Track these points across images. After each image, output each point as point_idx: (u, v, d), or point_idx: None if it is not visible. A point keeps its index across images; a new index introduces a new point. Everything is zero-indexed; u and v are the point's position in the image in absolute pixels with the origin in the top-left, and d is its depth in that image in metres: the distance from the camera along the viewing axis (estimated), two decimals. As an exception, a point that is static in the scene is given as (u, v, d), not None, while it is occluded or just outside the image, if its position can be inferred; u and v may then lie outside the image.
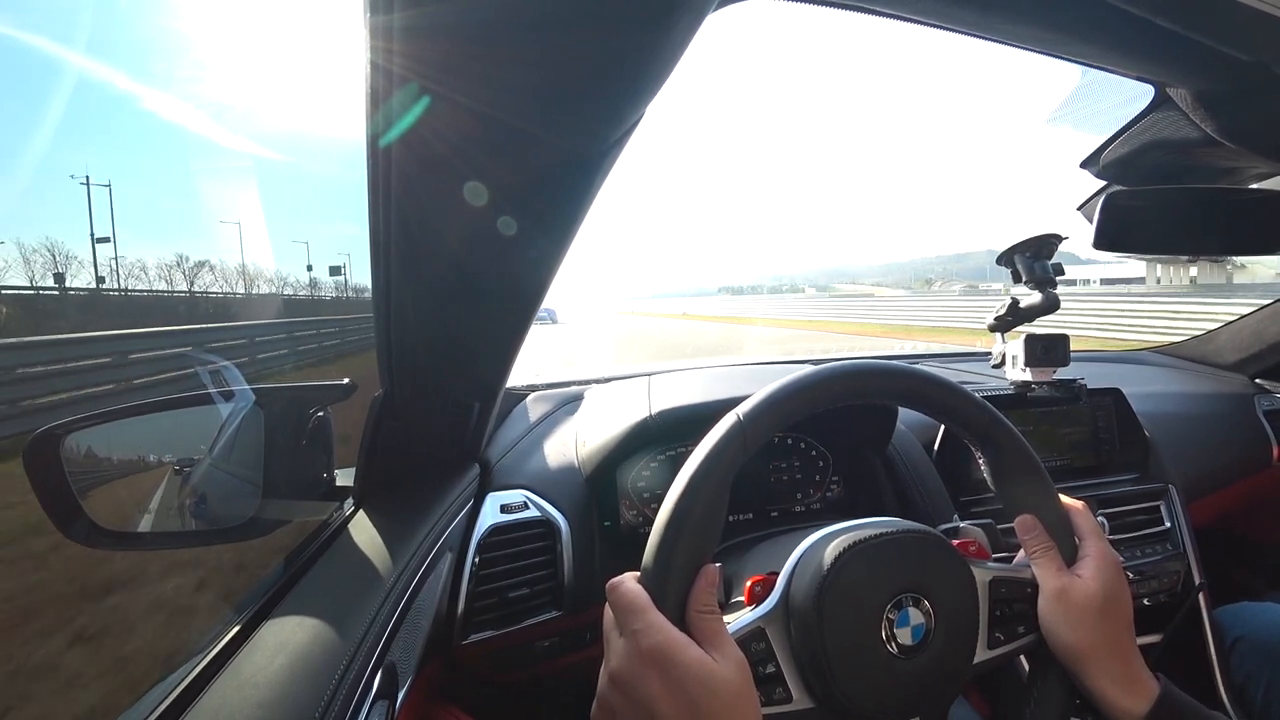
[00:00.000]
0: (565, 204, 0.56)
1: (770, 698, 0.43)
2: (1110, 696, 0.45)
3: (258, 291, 17.85)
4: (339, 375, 0.77)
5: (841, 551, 0.45)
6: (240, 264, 17.41)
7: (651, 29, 0.40)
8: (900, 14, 0.59)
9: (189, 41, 47.97)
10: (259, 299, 17.03)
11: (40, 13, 22.21)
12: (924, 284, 61.32)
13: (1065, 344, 1.02)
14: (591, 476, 0.86)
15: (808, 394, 0.46)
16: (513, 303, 0.68)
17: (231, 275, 16.77)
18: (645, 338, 16.50)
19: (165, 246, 32.94)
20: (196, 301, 14.91)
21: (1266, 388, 1.40)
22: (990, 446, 0.51)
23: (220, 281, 16.51)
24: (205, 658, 0.49)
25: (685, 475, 0.44)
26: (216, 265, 16.39)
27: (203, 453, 0.72)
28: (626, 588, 0.42)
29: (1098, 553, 0.49)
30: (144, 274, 14.37)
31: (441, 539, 0.68)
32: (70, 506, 0.56)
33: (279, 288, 18.83)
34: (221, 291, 16.38)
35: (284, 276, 18.66)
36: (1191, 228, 0.89)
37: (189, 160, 62.21)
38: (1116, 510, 1.02)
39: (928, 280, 67.03)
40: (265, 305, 16.96)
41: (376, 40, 0.39)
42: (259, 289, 17.98)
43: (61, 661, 1.77)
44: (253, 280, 17.56)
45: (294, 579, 0.59)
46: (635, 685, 0.39)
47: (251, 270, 17.89)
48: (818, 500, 0.96)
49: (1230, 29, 0.54)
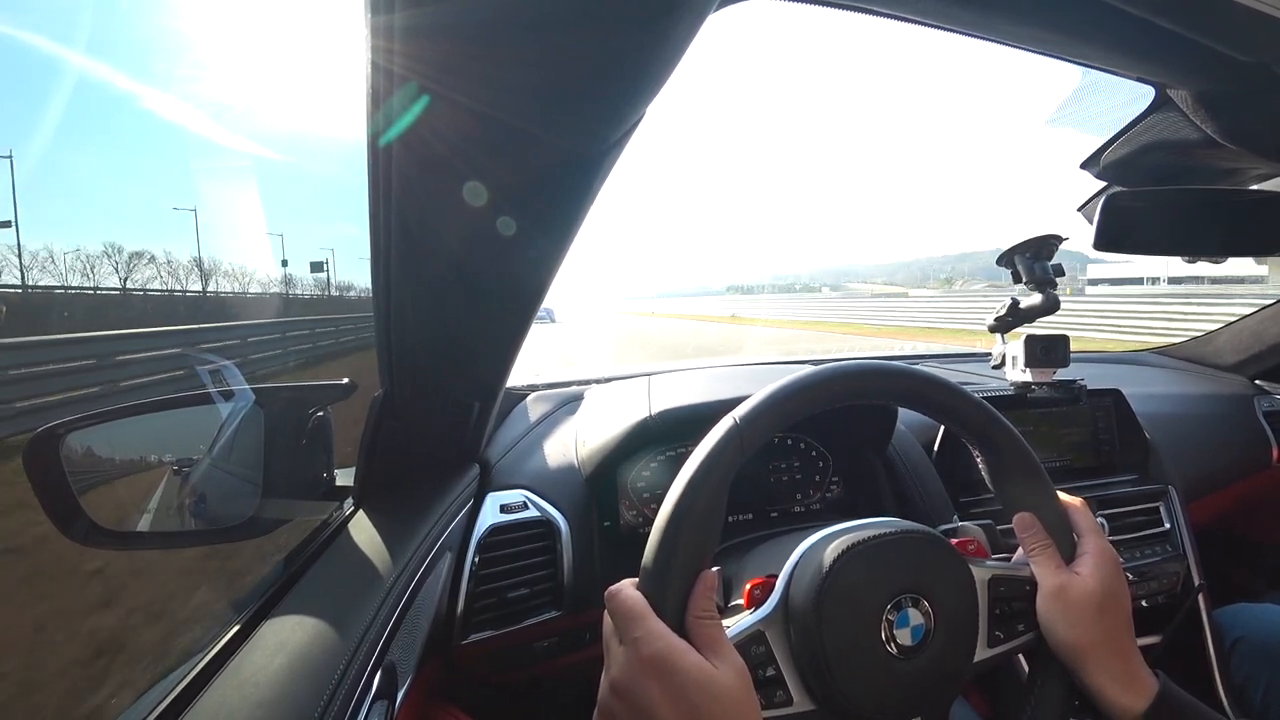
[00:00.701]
0: (565, 204, 0.56)
1: (771, 700, 0.43)
2: (1109, 693, 0.45)
3: (217, 290, 15.58)
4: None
5: (840, 553, 0.45)
6: (196, 257, 15.35)
7: (651, 29, 0.40)
8: (900, 14, 0.59)
9: (186, 40, 47.56)
10: (215, 300, 15.01)
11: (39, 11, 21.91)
12: (944, 283, 60.70)
13: (1065, 345, 1.02)
14: (591, 476, 0.86)
15: (805, 395, 0.46)
16: (513, 303, 0.68)
17: (182, 270, 14.68)
18: (679, 343, 15.35)
19: (102, 235, 30.11)
20: (130, 300, 12.81)
21: (1266, 389, 1.40)
22: (988, 445, 0.51)
23: (166, 277, 14.04)
24: (205, 657, 0.49)
25: (682, 480, 0.43)
26: (162, 258, 14.03)
27: (202, 452, 0.72)
28: (625, 595, 0.42)
29: (1096, 550, 0.49)
30: (54, 264, 11.49)
31: (441, 539, 0.68)
32: (70, 506, 0.56)
33: (243, 285, 17.06)
34: (163, 289, 13.85)
35: (249, 272, 16.97)
36: (1192, 229, 0.89)
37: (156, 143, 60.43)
38: (1116, 511, 1.02)
39: (947, 279, 66.34)
40: (224, 306, 15.22)
41: (377, 40, 0.39)
42: (220, 286, 16.10)
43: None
44: (209, 275, 15.65)
45: (294, 578, 0.59)
46: (636, 693, 0.39)
47: (212, 265, 15.83)
48: (817, 501, 0.96)
49: (1231, 30, 0.54)
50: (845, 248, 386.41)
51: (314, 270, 21.32)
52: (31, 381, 4.81)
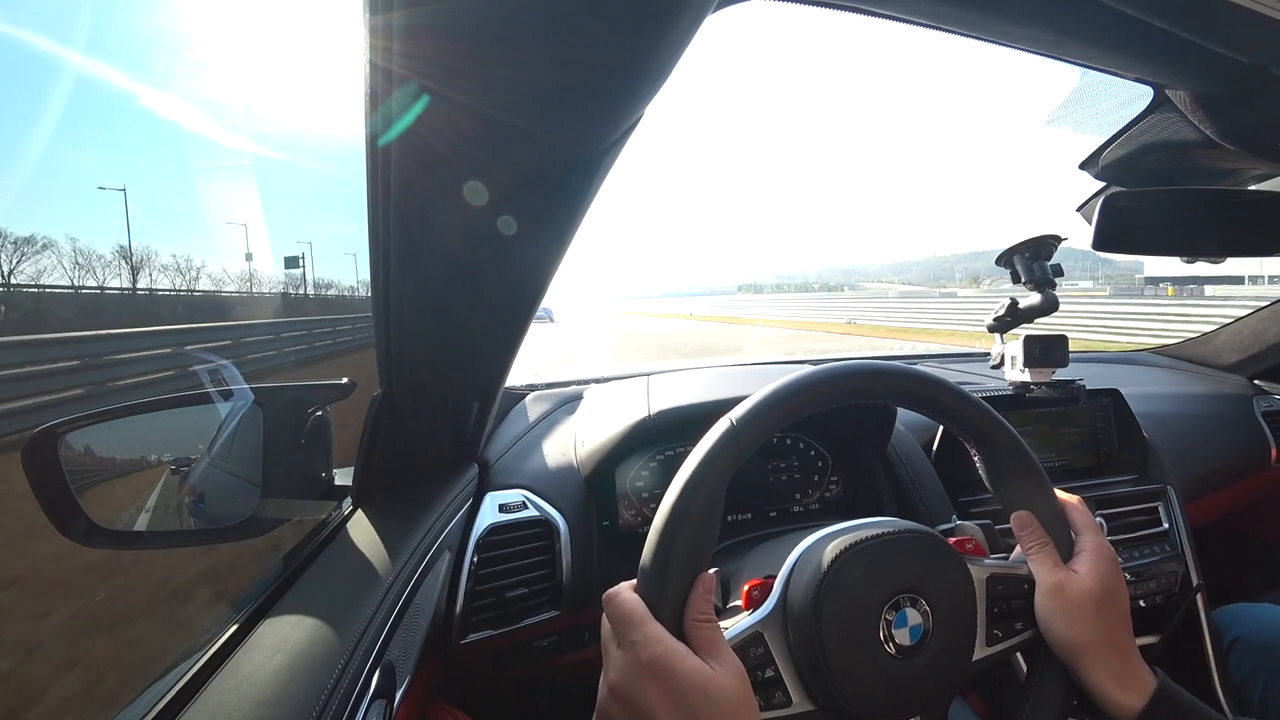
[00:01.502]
0: (564, 203, 0.56)
1: (770, 702, 0.43)
2: (1107, 691, 0.45)
3: (149, 287, 12.56)
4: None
5: (839, 553, 0.45)
6: (124, 245, 12.27)
7: (651, 29, 0.40)
8: (900, 15, 0.59)
9: (185, 39, 47.13)
10: (146, 298, 11.96)
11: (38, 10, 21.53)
12: (972, 282, 60.15)
13: (1064, 345, 1.03)
14: (590, 476, 0.86)
15: (802, 396, 0.46)
16: (512, 302, 0.68)
17: (98, 262, 11.87)
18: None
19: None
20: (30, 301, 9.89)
21: (1265, 389, 1.40)
22: (985, 444, 0.51)
23: (79, 272, 11.39)
24: (204, 656, 0.49)
25: (679, 482, 0.43)
26: (66, 249, 11.07)
27: (201, 452, 0.72)
28: (623, 598, 0.42)
29: (1094, 547, 0.49)
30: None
31: (440, 538, 0.68)
32: (69, 506, 0.56)
33: (189, 281, 14.34)
34: (70, 285, 11.06)
35: (195, 265, 14.07)
36: (1190, 229, 0.89)
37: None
38: (1115, 511, 1.02)
39: (974, 279, 65.79)
40: (163, 305, 12.15)
41: (376, 40, 0.39)
42: (157, 282, 13.09)
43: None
44: (140, 268, 12.76)
45: (292, 578, 0.59)
46: (635, 697, 0.39)
47: (146, 257, 12.72)
48: (816, 500, 0.96)
49: (1229, 31, 0.54)
50: (852, 246, 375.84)
51: (288, 266, 18.94)
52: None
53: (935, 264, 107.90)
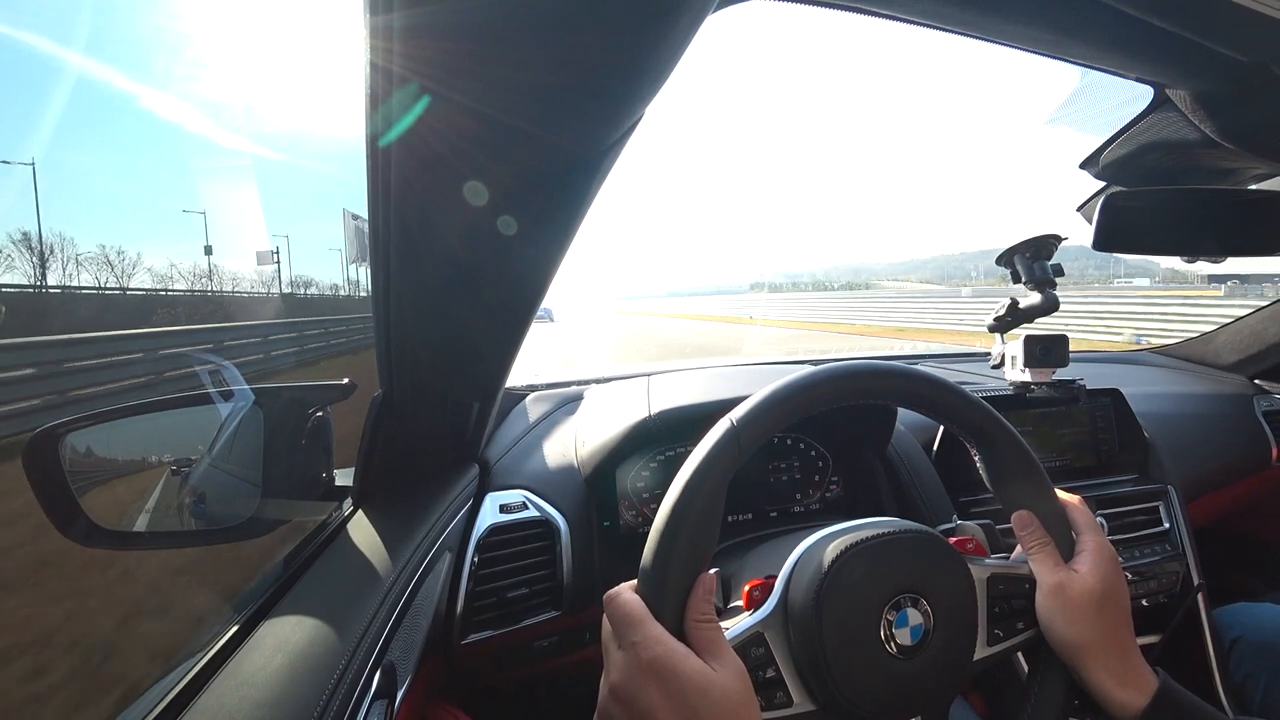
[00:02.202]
0: (565, 204, 0.56)
1: (771, 702, 0.43)
2: (1109, 690, 0.45)
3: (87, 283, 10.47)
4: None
5: (839, 553, 0.45)
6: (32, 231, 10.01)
7: (651, 29, 0.40)
8: (900, 15, 0.59)
9: (184, 39, 47.00)
10: (75, 297, 10.10)
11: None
12: (1001, 281, 59.71)
13: (1064, 345, 1.03)
14: (591, 477, 0.86)
15: (802, 396, 0.46)
16: (512, 302, 0.68)
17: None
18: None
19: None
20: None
21: (1265, 388, 1.40)
22: (985, 444, 0.51)
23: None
24: (204, 656, 0.49)
25: (679, 483, 0.43)
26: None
27: (202, 452, 0.72)
28: (624, 599, 0.42)
29: (1094, 547, 0.49)
30: None
31: (440, 539, 0.68)
32: (70, 506, 0.56)
33: (146, 279, 12.16)
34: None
35: (140, 261, 12.15)
36: (1191, 228, 0.89)
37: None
38: (1116, 511, 1.02)
39: (1000, 277, 65.46)
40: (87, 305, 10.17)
41: (376, 40, 0.39)
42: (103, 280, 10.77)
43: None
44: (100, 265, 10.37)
45: (293, 578, 0.59)
46: (636, 698, 0.39)
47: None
48: (817, 500, 0.96)
49: (1229, 30, 0.54)
50: (860, 245, 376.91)
51: (260, 262, 17.37)
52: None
53: (944, 262, 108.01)
